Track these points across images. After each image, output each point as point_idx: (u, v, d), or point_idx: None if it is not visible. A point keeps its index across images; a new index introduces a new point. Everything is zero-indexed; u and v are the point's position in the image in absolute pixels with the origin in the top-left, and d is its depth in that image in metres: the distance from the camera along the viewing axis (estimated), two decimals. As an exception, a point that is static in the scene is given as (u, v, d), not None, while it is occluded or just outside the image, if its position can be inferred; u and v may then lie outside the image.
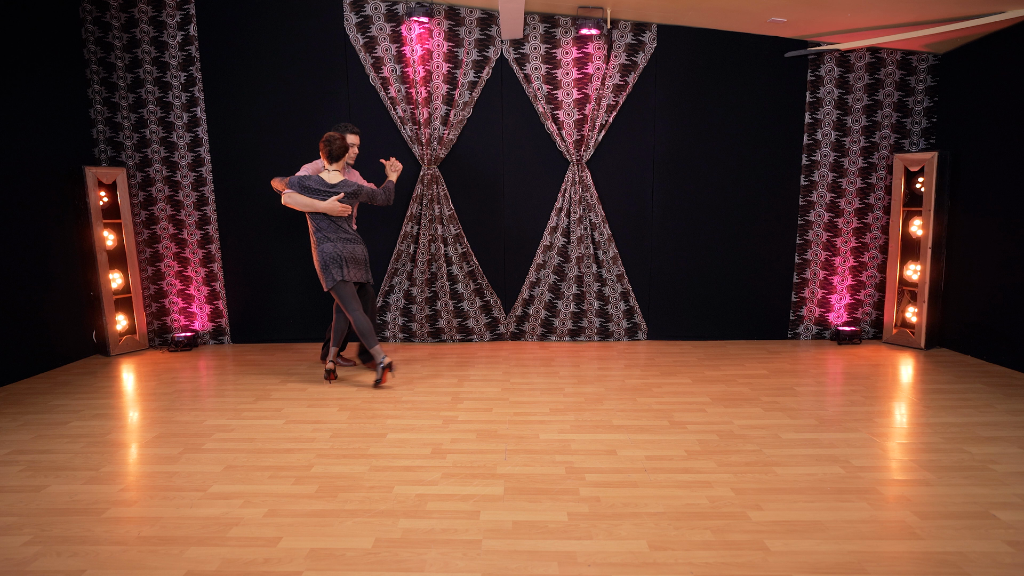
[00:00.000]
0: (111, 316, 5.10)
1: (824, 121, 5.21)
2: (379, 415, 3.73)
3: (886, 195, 5.28)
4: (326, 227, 4.16)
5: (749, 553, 2.27)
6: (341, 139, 4.13)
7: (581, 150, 5.22)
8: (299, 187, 4.09)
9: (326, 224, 4.16)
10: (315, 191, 4.10)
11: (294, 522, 2.52)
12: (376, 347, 4.18)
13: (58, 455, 3.20)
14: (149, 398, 4.10)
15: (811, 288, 5.46)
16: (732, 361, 4.85)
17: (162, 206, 5.32)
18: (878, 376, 4.41)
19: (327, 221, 4.15)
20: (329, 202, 4.09)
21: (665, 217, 5.39)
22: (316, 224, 4.16)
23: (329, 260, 4.13)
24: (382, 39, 5.05)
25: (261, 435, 3.44)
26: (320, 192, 4.11)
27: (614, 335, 5.53)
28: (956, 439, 3.28)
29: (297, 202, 4.09)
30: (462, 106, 5.15)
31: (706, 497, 2.68)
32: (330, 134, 4.14)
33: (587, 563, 2.23)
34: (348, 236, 4.21)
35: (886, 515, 2.52)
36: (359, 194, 4.21)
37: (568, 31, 5.06)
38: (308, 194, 4.10)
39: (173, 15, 5.05)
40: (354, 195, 4.19)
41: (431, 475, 2.92)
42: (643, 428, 3.48)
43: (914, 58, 5.10)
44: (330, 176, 4.16)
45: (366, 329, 4.16)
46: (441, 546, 2.34)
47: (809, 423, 3.53)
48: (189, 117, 5.19)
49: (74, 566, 2.24)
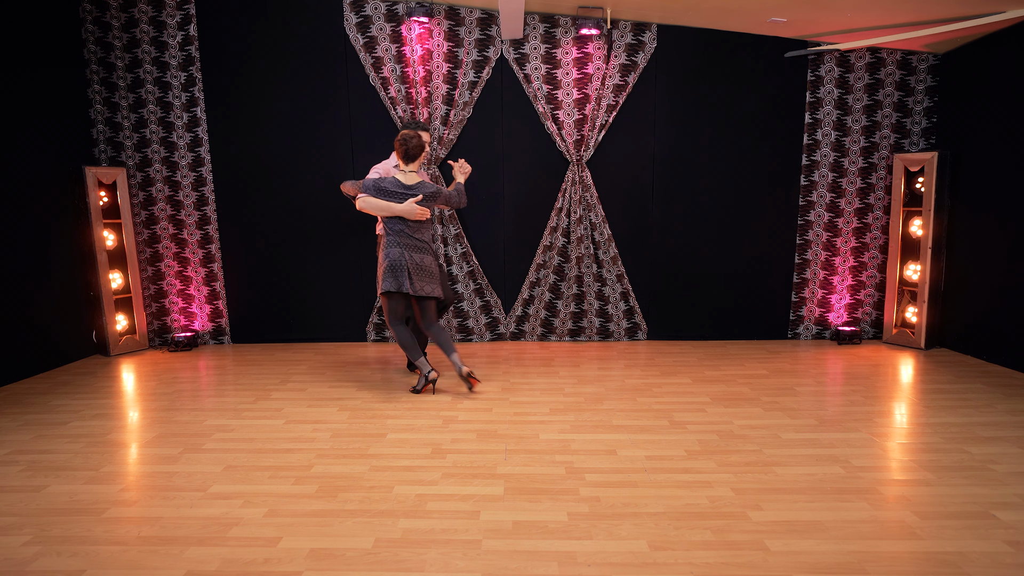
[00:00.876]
0: (111, 316, 5.10)
1: (824, 121, 5.21)
2: (379, 415, 3.73)
3: (886, 195, 5.28)
4: (397, 231, 3.91)
5: (749, 553, 2.27)
6: (417, 137, 3.88)
7: (581, 150, 5.22)
8: (374, 190, 3.87)
9: (398, 228, 3.91)
10: (391, 193, 3.86)
11: (294, 522, 2.52)
12: (421, 360, 4.04)
13: (58, 455, 3.20)
14: (149, 398, 4.10)
15: (811, 288, 5.46)
16: (732, 361, 4.85)
17: (162, 206, 5.32)
18: (878, 376, 4.41)
19: (400, 225, 3.90)
20: (407, 204, 3.84)
21: (665, 217, 5.39)
22: (389, 227, 3.93)
23: (389, 267, 3.88)
24: (382, 39, 5.05)
25: (261, 435, 3.44)
26: (397, 195, 3.87)
27: (614, 335, 5.53)
28: (956, 439, 3.28)
29: (372, 206, 3.86)
30: (462, 106, 5.15)
31: (706, 497, 2.68)
32: (405, 132, 3.89)
33: (587, 563, 2.23)
34: (419, 244, 3.94)
35: (886, 515, 2.52)
36: (438, 196, 3.98)
37: (568, 31, 5.06)
38: (384, 196, 3.86)
39: (173, 15, 5.04)
40: (433, 197, 3.95)
41: (431, 475, 2.92)
42: (643, 428, 3.48)
43: (914, 58, 5.10)
44: (407, 177, 3.92)
45: (408, 344, 4.02)
46: (441, 546, 2.34)
47: (809, 423, 3.53)
48: (189, 117, 5.19)
49: (74, 566, 2.24)
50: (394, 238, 3.91)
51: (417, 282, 3.91)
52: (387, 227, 3.94)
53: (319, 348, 5.36)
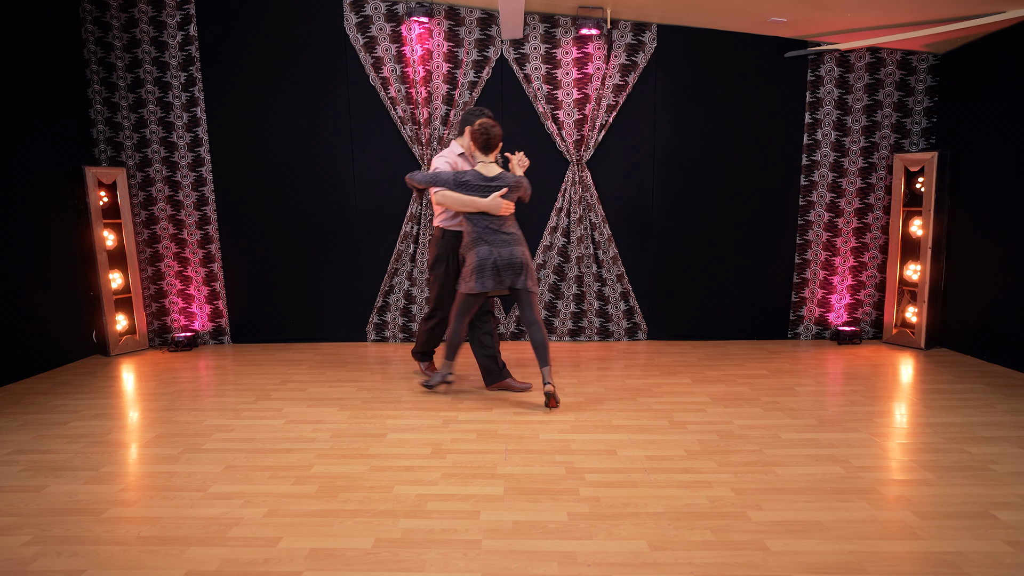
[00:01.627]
0: (111, 316, 5.10)
1: (824, 121, 5.21)
2: (379, 415, 3.73)
3: (886, 195, 5.28)
4: (482, 227, 3.67)
5: (749, 553, 2.27)
6: (498, 125, 3.64)
7: (581, 150, 5.22)
8: (454, 184, 3.64)
9: (483, 224, 3.67)
10: (474, 187, 3.63)
11: (294, 522, 2.52)
12: (450, 363, 3.97)
13: (58, 455, 3.20)
14: (149, 398, 4.10)
15: (811, 288, 5.46)
16: (732, 361, 4.85)
17: (162, 206, 5.32)
18: (878, 376, 4.41)
19: (485, 220, 3.66)
20: (492, 199, 3.61)
21: (665, 217, 5.39)
22: (473, 224, 3.69)
23: (477, 266, 3.67)
24: (382, 39, 5.05)
25: (261, 435, 3.44)
26: (480, 188, 3.63)
27: (614, 335, 5.53)
28: (956, 439, 3.28)
29: (454, 201, 3.63)
30: (462, 106, 5.15)
31: (706, 497, 2.68)
32: (484, 121, 3.64)
33: (587, 563, 2.23)
34: (507, 237, 3.69)
35: (886, 515, 2.52)
36: (519, 186, 3.74)
37: (568, 31, 5.06)
38: (465, 190, 3.63)
39: (173, 15, 5.04)
40: (515, 188, 3.72)
41: (431, 475, 2.92)
42: (643, 428, 3.48)
43: (914, 58, 5.10)
44: (487, 168, 3.68)
45: (457, 345, 3.92)
46: (441, 546, 2.34)
47: (809, 423, 3.53)
48: (189, 117, 5.19)
49: (74, 566, 2.24)
50: (479, 234, 3.67)
51: (506, 277, 3.69)
52: (470, 222, 3.72)
53: (319, 348, 5.36)
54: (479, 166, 3.71)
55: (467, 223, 3.76)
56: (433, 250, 4.11)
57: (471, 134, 3.72)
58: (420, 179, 3.79)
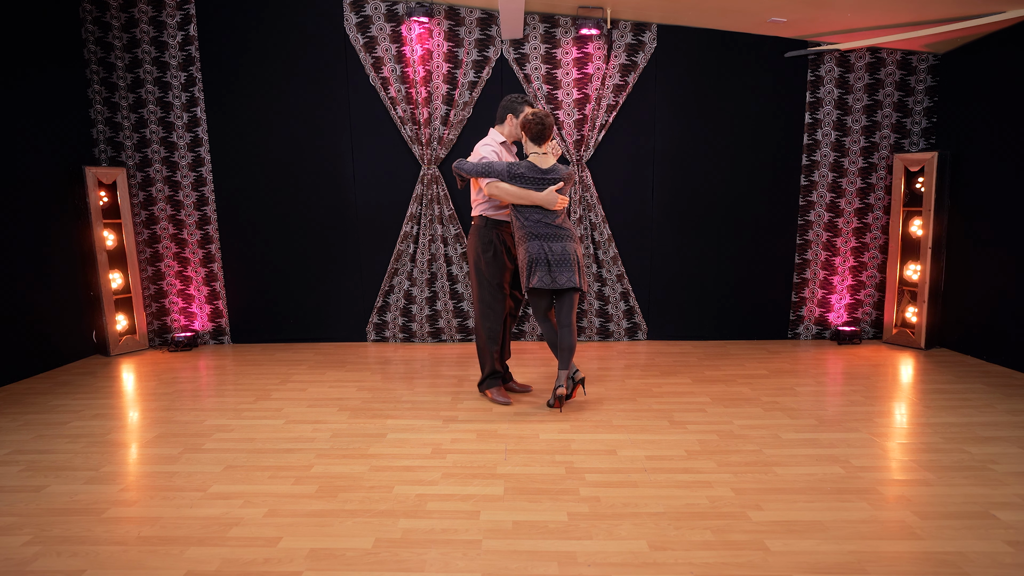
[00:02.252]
0: (111, 316, 5.10)
1: (824, 121, 5.21)
2: (379, 415, 3.73)
3: (886, 195, 5.28)
4: (535, 221, 3.52)
5: (749, 553, 2.27)
6: (550, 115, 3.51)
7: (581, 150, 5.22)
8: (508, 175, 3.50)
9: (536, 218, 3.52)
10: (528, 179, 3.49)
11: (294, 522, 2.52)
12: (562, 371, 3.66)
13: (58, 455, 3.20)
14: (149, 398, 4.10)
15: (811, 288, 5.46)
16: (732, 361, 4.85)
17: (162, 206, 5.32)
18: (878, 376, 4.41)
19: (538, 214, 3.52)
20: (547, 193, 3.47)
21: (665, 217, 5.39)
22: (524, 217, 3.54)
23: (530, 262, 3.52)
24: (382, 39, 5.05)
25: (261, 435, 3.44)
26: (535, 181, 3.50)
27: (614, 335, 5.53)
28: (956, 439, 3.28)
29: (508, 193, 3.50)
30: (462, 106, 5.15)
31: (706, 497, 2.68)
32: (537, 111, 3.50)
33: (587, 563, 2.23)
34: (559, 232, 3.55)
35: (886, 515, 2.52)
36: (570, 180, 3.62)
37: (568, 31, 5.06)
38: (519, 183, 3.50)
39: (173, 15, 5.04)
40: (568, 180, 3.60)
41: (431, 475, 2.92)
42: (643, 428, 3.48)
43: (914, 58, 5.10)
44: (542, 160, 3.53)
45: (551, 342, 3.71)
46: (441, 546, 2.34)
47: (809, 423, 3.53)
48: (189, 117, 5.19)
49: (74, 566, 2.24)
50: (531, 228, 3.53)
51: (556, 274, 3.53)
52: (521, 216, 3.56)
53: (319, 348, 5.36)
54: (532, 157, 3.56)
55: (516, 217, 3.58)
56: (475, 239, 3.80)
57: (523, 124, 3.56)
58: (469, 169, 3.60)
